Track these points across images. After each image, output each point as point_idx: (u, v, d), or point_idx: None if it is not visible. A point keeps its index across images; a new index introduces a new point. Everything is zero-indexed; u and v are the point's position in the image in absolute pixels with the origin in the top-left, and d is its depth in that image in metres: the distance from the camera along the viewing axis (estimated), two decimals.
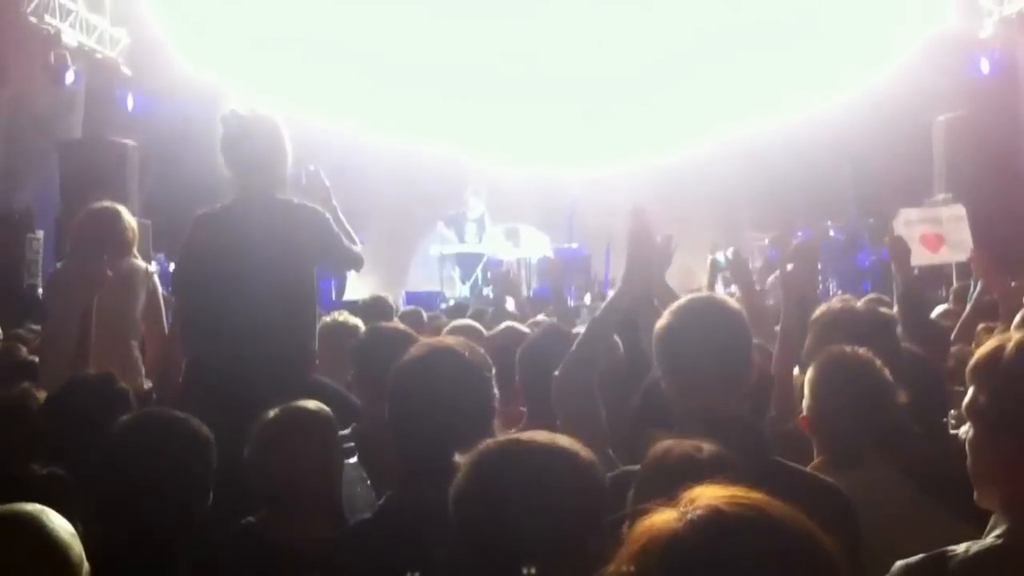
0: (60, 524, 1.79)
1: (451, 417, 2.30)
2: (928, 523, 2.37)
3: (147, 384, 4.32)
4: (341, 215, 4.10)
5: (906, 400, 2.76)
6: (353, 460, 3.10)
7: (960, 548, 1.72)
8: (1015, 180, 10.70)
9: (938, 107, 11.32)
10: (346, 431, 3.11)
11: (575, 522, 1.60)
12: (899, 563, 1.76)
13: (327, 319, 4.55)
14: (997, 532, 1.73)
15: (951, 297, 6.75)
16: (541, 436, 1.75)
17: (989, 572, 1.67)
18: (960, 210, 8.92)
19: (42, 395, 3.28)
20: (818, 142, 11.94)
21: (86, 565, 1.80)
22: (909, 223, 8.88)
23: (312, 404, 2.87)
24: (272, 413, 2.81)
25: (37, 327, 5.94)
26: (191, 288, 3.93)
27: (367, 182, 12.96)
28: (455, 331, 4.41)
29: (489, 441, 1.73)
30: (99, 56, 11.97)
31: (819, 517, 1.11)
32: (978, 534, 1.79)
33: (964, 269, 9.08)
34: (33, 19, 10.55)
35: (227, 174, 3.88)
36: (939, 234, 8.65)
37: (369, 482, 3.10)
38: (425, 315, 6.46)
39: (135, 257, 4.70)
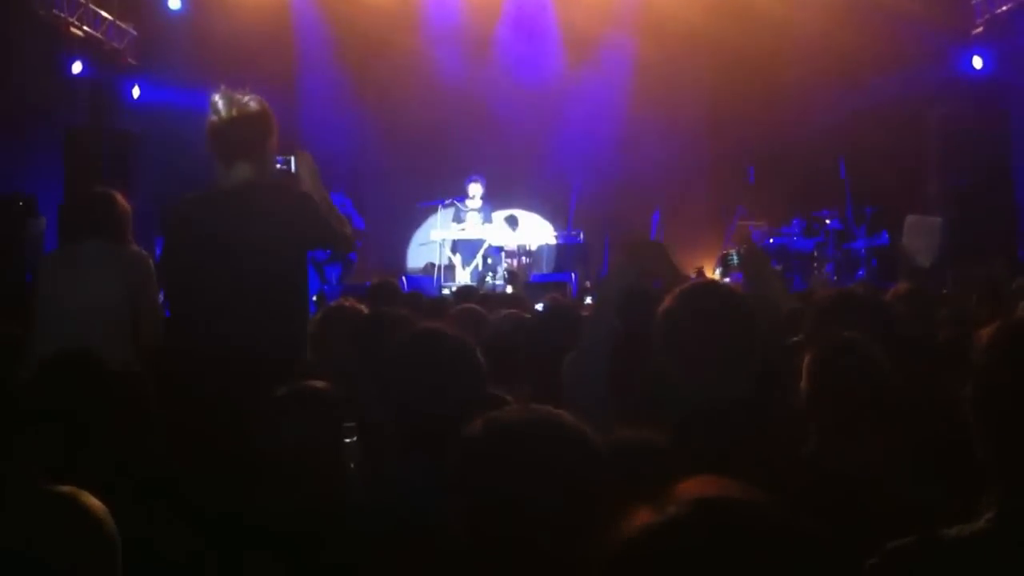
0: (96, 503, 1.84)
1: (443, 386, 2.41)
2: (921, 505, 2.38)
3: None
4: (330, 198, 4.04)
5: (902, 383, 2.81)
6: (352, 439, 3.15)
7: (951, 530, 1.76)
8: (1003, 174, 10.87)
9: (932, 102, 11.45)
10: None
11: (570, 489, 1.63)
12: (890, 544, 1.79)
13: (332, 304, 4.60)
14: (988, 515, 1.76)
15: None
16: (534, 408, 1.79)
17: (977, 555, 1.71)
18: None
19: None
20: (815, 131, 12.02)
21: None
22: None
23: (319, 384, 2.92)
24: (280, 392, 2.85)
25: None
26: (178, 274, 3.89)
27: (365, 168, 13.03)
28: (459, 314, 4.48)
29: (481, 417, 1.76)
30: (105, 47, 11.98)
31: (821, 506, 1.13)
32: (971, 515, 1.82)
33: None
34: (41, 11, 10.57)
35: (212, 158, 3.81)
36: None
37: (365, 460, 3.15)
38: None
39: (129, 242, 4.71)
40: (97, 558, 1.78)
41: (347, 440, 3.05)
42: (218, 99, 3.79)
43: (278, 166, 3.92)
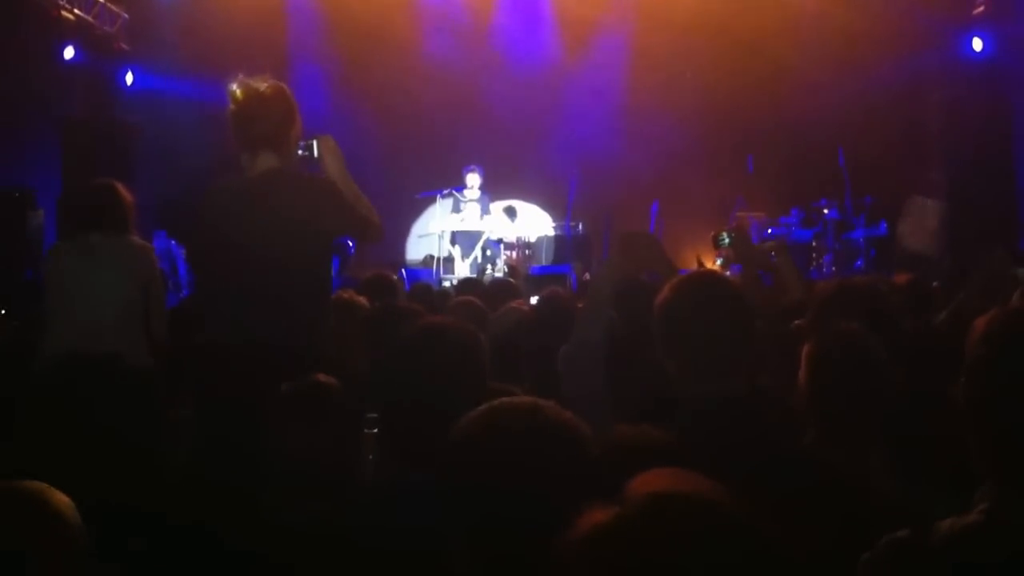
0: (63, 498, 1.81)
1: (442, 385, 2.32)
2: (917, 499, 2.40)
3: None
4: (355, 184, 3.92)
5: (903, 376, 2.81)
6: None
7: (944, 523, 1.77)
8: (1003, 161, 10.87)
9: (932, 88, 11.42)
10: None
11: (556, 484, 1.60)
12: (885, 538, 1.80)
13: (332, 297, 4.58)
14: (980, 507, 1.77)
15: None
16: (522, 400, 1.77)
17: (969, 548, 1.71)
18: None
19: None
20: (813, 118, 12.01)
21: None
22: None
23: (330, 379, 2.91)
24: (291, 388, 2.85)
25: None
26: (207, 264, 3.89)
27: (363, 159, 12.98)
28: (458, 307, 4.47)
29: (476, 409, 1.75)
30: (97, 31, 11.95)
31: (813, 501, 1.12)
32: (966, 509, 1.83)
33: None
34: None
35: (236, 148, 3.75)
36: None
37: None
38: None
39: (132, 234, 4.70)
40: (61, 555, 1.75)
41: (367, 431, 3.04)
42: (236, 88, 3.69)
43: (300, 152, 3.81)
